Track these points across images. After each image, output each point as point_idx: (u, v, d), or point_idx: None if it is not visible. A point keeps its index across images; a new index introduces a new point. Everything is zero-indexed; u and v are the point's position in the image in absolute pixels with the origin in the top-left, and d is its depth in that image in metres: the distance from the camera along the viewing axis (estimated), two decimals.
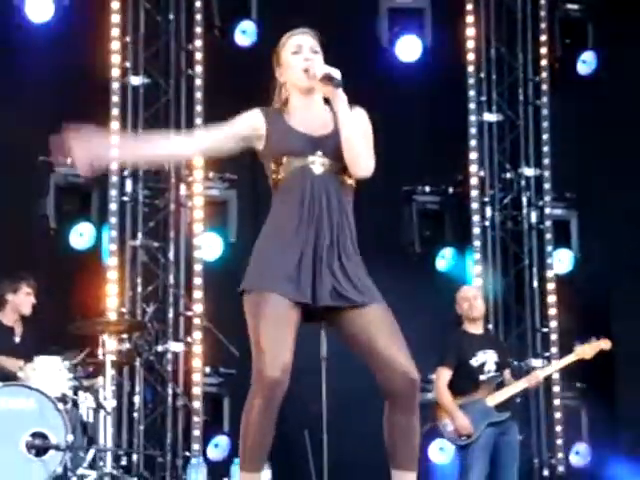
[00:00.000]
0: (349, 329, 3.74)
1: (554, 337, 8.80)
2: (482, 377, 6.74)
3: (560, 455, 8.68)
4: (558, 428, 8.70)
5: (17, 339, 7.07)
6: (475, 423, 6.61)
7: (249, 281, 3.77)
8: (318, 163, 3.77)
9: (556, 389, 8.73)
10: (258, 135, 3.84)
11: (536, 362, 8.71)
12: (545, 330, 8.87)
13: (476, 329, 6.94)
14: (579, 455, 8.74)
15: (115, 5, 8.29)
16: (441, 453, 8.29)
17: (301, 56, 3.83)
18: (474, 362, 6.75)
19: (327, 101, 3.87)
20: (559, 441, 8.68)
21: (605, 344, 7.11)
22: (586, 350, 7.10)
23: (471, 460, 6.60)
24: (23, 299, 7.05)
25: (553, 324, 8.83)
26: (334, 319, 3.77)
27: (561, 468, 8.68)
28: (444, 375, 6.67)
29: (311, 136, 3.79)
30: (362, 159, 3.76)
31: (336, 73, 3.75)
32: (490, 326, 8.77)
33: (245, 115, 3.88)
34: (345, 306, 3.71)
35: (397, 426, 3.72)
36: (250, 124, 3.86)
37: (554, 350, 8.75)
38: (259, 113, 3.86)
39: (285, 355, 3.63)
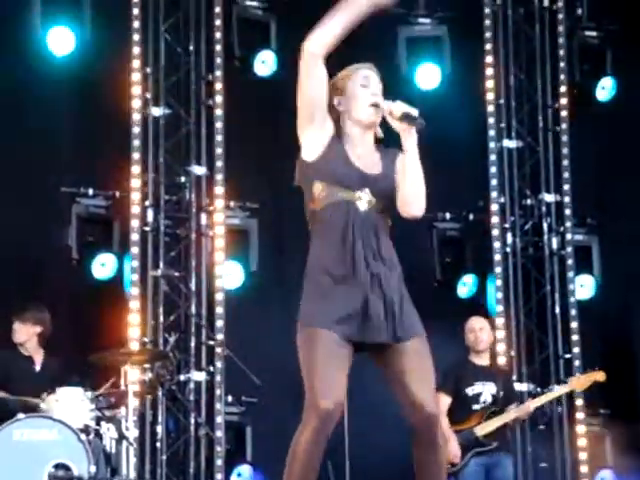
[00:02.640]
0: (386, 362, 3.75)
1: (577, 363, 8.75)
2: (475, 407, 6.73)
3: None
4: (582, 455, 8.63)
5: (37, 368, 7.07)
6: (461, 452, 6.60)
7: (304, 318, 3.74)
8: (364, 200, 3.76)
9: (580, 416, 8.68)
10: (321, 127, 3.78)
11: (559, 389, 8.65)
12: (568, 356, 8.82)
13: (480, 360, 6.95)
14: None
15: (136, 37, 8.36)
16: None
17: (369, 90, 3.85)
18: (470, 391, 6.76)
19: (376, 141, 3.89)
20: (584, 468, 8.61)
21: (600, 376, 7.07)
22: (581, 381, 7.09)
23: None
24: (13, 328, 7.09)
25: (576, 350, 8.78)
26: (375, 352, 3.78)
27: None
28: (442, 401, 6.65)
29: (363, 172, 3.79)
30: (421, 200, 3.77)
31: (415, 112, 3.75)
32: (513, 353, 8.74)
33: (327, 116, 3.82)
34: (387, 342, 3.71)
35: (420, 461, 3.72)
36: (325, 116, 3.79)
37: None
38: (332, 125, 3.83)
39: (338, 388, 3.63)
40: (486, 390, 6.79)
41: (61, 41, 8.20)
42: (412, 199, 3.77)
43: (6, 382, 6.83)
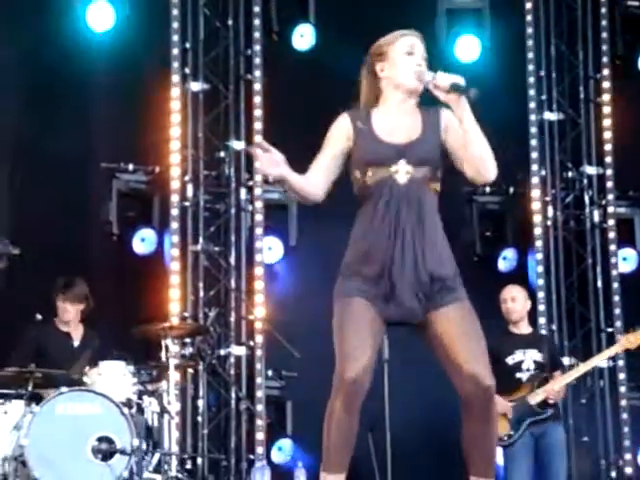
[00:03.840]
0: (430, 333, 3.75)
1: (620, 337, 8.67)
2: (519, 375, 6.66)
3: (628, 456, 8.57)
4: (625, 429, 8.59)
5: (76, 343, 7.09)
6: (516, 422, 6.54)
7: (338, 286, 3.80)
8: (402, 172, 3.75)
9: (622, 389, 8.63)
10: (352, 140, 3.85)
11: (601, 362, 8.59)
12: (610, 330, 8.76)
13: (518, 329, 6.88)
14: None
15: (175, 11, 8.36)
16: None
17: (414, 59, 3.83)
18: (510, 360, 6.68)
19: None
20: (626, 442, 8.57)
21: None
22: (630, 339, 6.94)
23: (512, 461, 6.53)
24: (60, 306, 7.08)
25: (618, 324, 8.71)
26: (418, 325, 3.79)
27: (629, 469, 8.56)
28: None
29: (396, 144, 3.77)
30: (490, 163, 3.76)
31: (461, 81, 3.73)
32: (554, 327, 8.70)
33: (335, 128, 3.87)
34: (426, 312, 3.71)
35: (473, 433, 3.72)
36: (343, 135, 3.85)
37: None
38: (347, 118, 3.86)
39: (365, 357, 3.64)
40: (528, 357, 6.72)
41: (100, 17, 8.21)
42: (480, 164, 3.74)
43: (43, 357, 6.81)
